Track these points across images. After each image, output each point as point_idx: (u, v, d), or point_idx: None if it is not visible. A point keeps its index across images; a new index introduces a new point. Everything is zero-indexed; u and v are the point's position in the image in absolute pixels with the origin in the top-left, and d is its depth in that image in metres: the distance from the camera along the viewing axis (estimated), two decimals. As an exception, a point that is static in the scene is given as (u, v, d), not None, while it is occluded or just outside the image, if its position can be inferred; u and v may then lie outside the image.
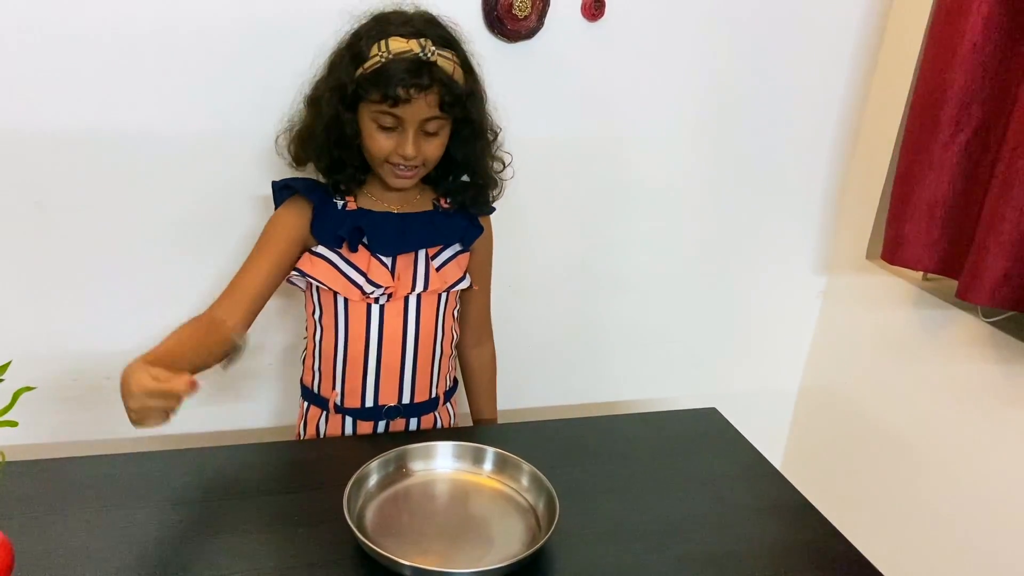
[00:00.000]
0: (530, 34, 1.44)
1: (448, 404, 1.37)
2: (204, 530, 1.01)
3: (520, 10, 1.40)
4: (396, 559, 0.91)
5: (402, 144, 1.11)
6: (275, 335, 1.55)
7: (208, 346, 1.09)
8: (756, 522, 1.12)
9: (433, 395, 1.31)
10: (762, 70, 1.62)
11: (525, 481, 1.10)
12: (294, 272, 1.21)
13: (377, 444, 1.15)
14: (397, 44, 1.08)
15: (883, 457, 1.71)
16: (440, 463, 1.14)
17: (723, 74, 1.60)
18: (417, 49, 1.07)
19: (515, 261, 1.62)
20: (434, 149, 1.16)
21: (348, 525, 0.96)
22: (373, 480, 1.08)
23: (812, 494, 1.19)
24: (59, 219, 1.36)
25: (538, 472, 1.09)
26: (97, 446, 1.51)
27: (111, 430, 1.51)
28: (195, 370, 1.01)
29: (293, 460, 1.18)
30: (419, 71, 1.07)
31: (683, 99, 1.60)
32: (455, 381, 1.40)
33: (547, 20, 1.44)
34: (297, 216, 1.20)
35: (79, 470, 1.10)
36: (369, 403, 1.27)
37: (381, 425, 1.29)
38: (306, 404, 1.32)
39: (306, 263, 1.20)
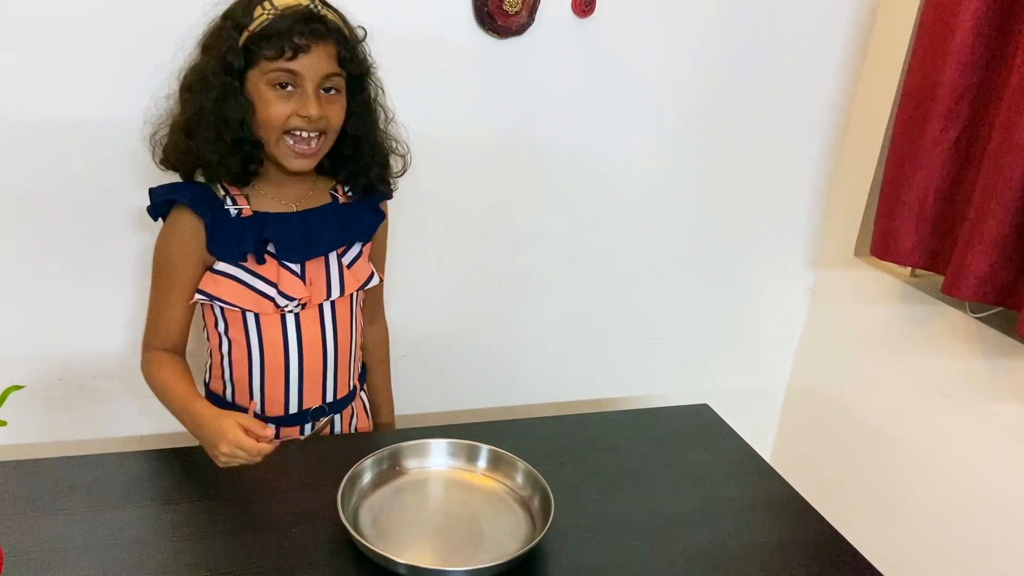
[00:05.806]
0: (520, 30, 1.43)
1: (363, 390, 1.35)
2: (195, 531, 1.00)
3: (511, 6, 1.39)
4: (391, 557, 0.91)
5: (303, 105, 1.03)
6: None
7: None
8: (749, 517, 1.12)
9: (351, 387, 1.29)
10: (751, 67, 1.62)
11: (520, 478, 1.10)
12: (198, 294, 1.13)
13: (368, 443, 1.14)
14: (283, 1, 1.03)
15: (871, 452, 1.72)
16: (434, 460, 1.13)
17: (712, 71, 1.60)
18: (307, 1, 1.04)
19: (505, 258, 1.61)
20: (337, 111, 1.08)
21: (342, 523, 0.95)
22: (367, 478, 1.08)
23: (800, 489, 1.19)
24: (41, 216, 1.34)
25: (533, 469, 1.08)
26: (84, 446, 1.49)
27: (98, 430, 1.50)
28: None
29: (284, 459, 1.16)
30: (313, 20, 1.02)
31: (672, 96, 1.59)
32: (362, 365, 1.36)
33: (538, 16, 1.43)
34: (190, 238, 1.10)
35: (68, 470, 1.09)
36: (293, 409, 1.22)
37: (307, 428, 1.24)
38: None
39: (209, 284, 1.12)
